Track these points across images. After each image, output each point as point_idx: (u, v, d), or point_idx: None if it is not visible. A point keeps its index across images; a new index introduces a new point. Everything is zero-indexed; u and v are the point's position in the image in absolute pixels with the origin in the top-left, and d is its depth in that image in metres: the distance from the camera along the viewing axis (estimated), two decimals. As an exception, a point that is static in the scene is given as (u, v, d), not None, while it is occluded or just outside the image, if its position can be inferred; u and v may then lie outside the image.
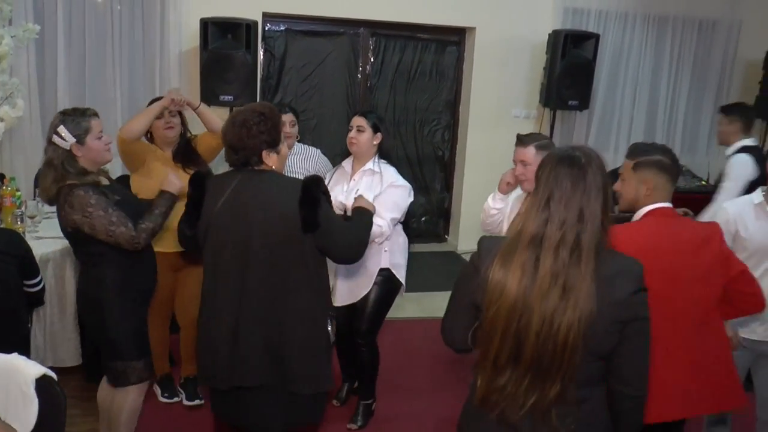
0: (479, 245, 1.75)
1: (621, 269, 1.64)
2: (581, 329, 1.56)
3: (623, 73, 6.83)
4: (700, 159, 7.22)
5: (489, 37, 6.34)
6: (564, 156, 1.65)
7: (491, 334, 1.64)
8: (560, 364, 1.59)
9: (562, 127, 6.63)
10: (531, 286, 1.59)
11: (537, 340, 1.59)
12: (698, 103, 7.24)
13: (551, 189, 1.61)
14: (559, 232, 1.58)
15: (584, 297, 1.56)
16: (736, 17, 7.05)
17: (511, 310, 1.60)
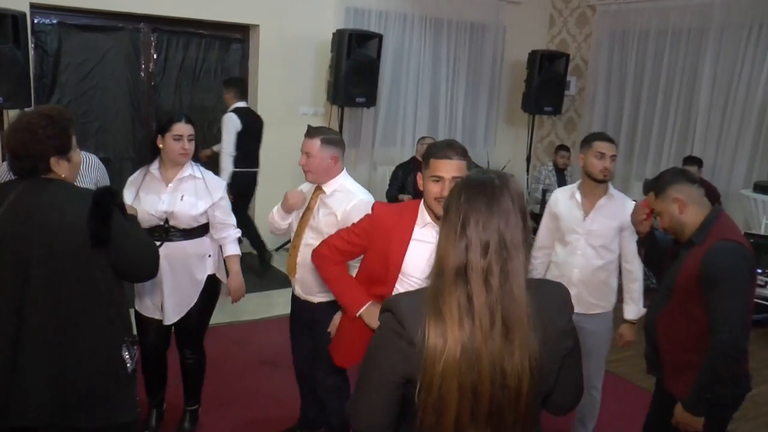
0: (396, 308, 1.55)
1: (554, 296, 1.64)
2: (533, 373, 1.49)
3: (405, 71, 7.56)
4: (479, 151, 8.20)
5: (273, 35, 6.62)
6: (476, 179, 1.58)
7: (446, 401, 1.47)
8: (516, 415, 1.51)
9: (350, 124, 7.16)
10: (472, 328, 1.47)
11: (492, 388, 1.48)
12: (475, 99, 8.22)
13: (465, 213, 1.51)
14: (483, 261, 1.48)
15: (527, 334, 1.48)
16: (501, 22, 8.13)
17: (461, 361, 1.46)
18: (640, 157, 7.58)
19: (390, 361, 1.54)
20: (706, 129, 6.96)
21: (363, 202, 3.04)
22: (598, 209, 3.26)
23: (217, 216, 3.30)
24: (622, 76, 7.81)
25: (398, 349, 1.52)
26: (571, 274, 3.31)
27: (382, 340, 1.57)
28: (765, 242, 5.72)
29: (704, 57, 6.91)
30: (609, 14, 7.88)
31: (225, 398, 3.98)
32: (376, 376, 1.58)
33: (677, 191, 2.59)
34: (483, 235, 1.49)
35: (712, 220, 2.53)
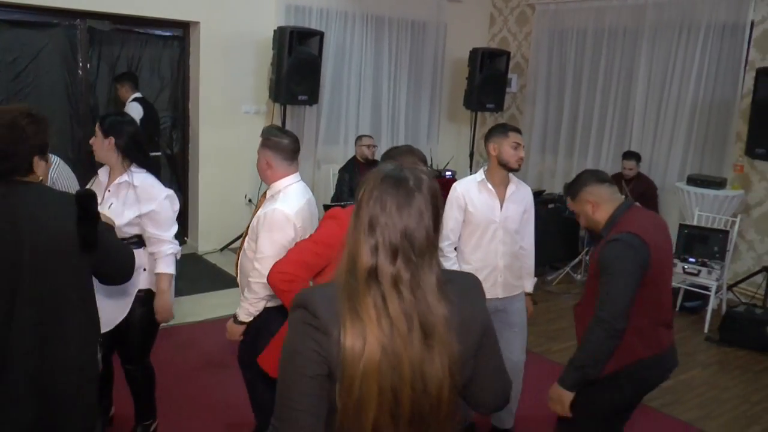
0: (309, 302, 1.51)
1: (468, 287, 1.64)
2: (453, 378, 1.48)
3: (347, 69, 7.68)
4: (422, 148, 8.26)
5: (213, 32, 6.64)
6: (391, 176, 1.51)
7: (365, 401, 1.43)
8: (438, 421, 1.50)
9: (293, 122, 7.23)
10: (391, 330, 1.43)
11: (413, 393, 1.45)
12: (417, 96, 8.40)
13: (374, 211, 1.47)
14: (393, 267, 1.45)
15: (446, 339, 1.47)
16: (442, 20, 8.34)
17: (381, 362, 1.43)
18: (581, 152, 7.88)
19: (309, 355, 1.47)
20: (642, 125, 7.29)
21: (276, 212, 2.98)
22: (510, 197, 3.50)
23: (148, 229, 3.11)
24: (562, 74, 8.11)
25: (316, 341, 1.47)
26: (496, 263, 3.50)
27: (298, 336, 1.50)
28: (698, 232, 6.05)
29: (639, 56, 7.24)
30: (548, 13, 8.17)
31: (172, 403, 3.96)
32: (296, 376, 1.49)
33: (589, 193, 2.83)
34: (391, 238, 1.45)
35: (618, 215, 2.74)
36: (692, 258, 5.89)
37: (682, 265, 5.86)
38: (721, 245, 5.94)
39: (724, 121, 6.67)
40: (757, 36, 6.39)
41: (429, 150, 8.35)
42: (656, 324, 2.71)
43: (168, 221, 3.14)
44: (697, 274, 5.82)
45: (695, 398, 4.56)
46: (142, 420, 3.55)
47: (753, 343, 5.34)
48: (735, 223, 6.15)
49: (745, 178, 6.49)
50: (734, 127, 6.56)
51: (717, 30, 6.62)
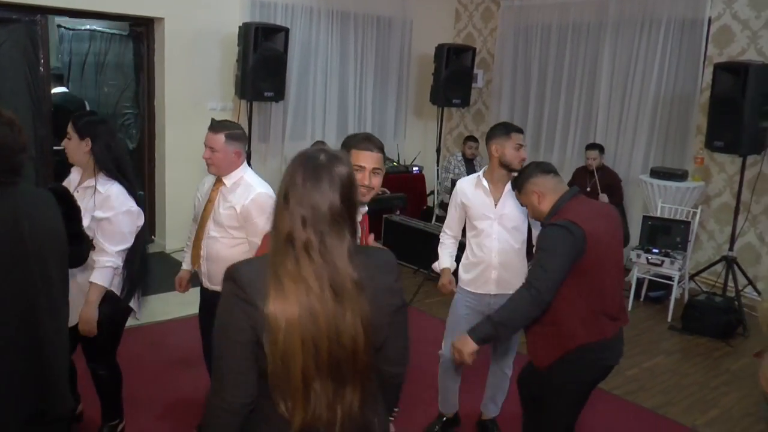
0: (237, 275, 1.69)
1: (379, 259, 1.81)
2: (366, 332, 1.66)
3: (313, 65, 7.75)
4: (389, 143, 8.48)
5: (178, 28, 6.65)
6: (304, 154, 1.72)
7: (291, 352, 1.61)
8: (355, 370, 1.68)
9: (259, 118, 7.29)
10: (306, 290, 1.62)
11: (330, 344, 1.63)
12: (384, 92, 8.51)
13: (287, 185, 1.67)
14: (303, 233, 1.63)
15: (356, 298, 1.64)
16: (408, 16, 8.46)
17: (301, 316, 1.61)
18: (547, 146, 8.06)
19: (239, 325, 1.66)
20: (607, 119, 7.49)
21: (262, 195, 3.21)
22: (507, 194, 3.55)
23: (96, 236, 3.09)
24: (527, 69, 8.27)
25: (243, 311, 1.65)
26: (490, 259, 3.58)
27: (228, 307, 1.69)
28: (661, 223, 6.23)
29: (602, 51, 7.44)
30: (512, 9, 8.33)
31: (140, 404, 3.98)
32: (230, 344, 1.68)
33: (533, 185, 2.98)
34: (300, 209, 1.64)
35: (560, 204, 2.89)
36: (656, 249, 6.07)
37: (646, 256, 6.04)
38: (683, 236, 6.14)
39: (685, 115, 6.88)
40: (714, 32, 6.62)
41: (396, 146, 8.49)
42: (598, 313, 2.83)
43: (118, 236, 3.11)
44: (660, 264, 6.00)
45: (658, 385, 4.73)
46: (108, 420, 3.55)
47: (713, 330, 5.54)
48: (696, 214, 6.36)
49: (705, 170, 6.70)
50: (694, 120, 6.78)
51: (677, 26, 6.84)
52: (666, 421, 4.24)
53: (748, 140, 5.60)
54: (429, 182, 8.50)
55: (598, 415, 4.15)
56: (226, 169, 3.29)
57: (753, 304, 5.95)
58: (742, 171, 6.00)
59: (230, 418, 1.73)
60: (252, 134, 6.97)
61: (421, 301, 5.98)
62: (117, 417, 3.57)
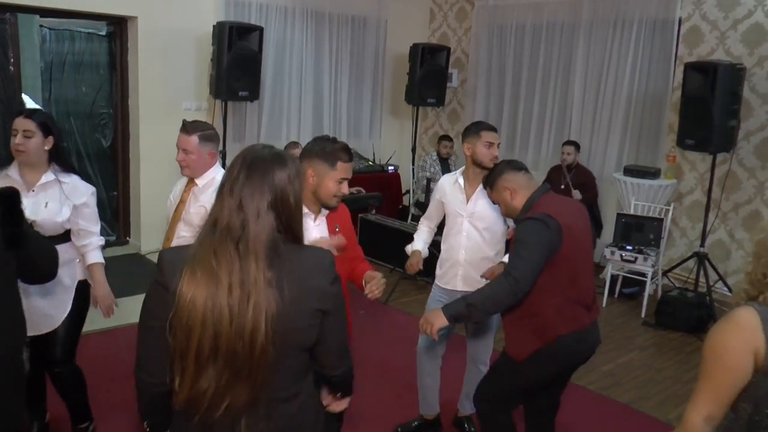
0: (160, 261, 1.79)
1: (311, 260, 1.81)
2: (269, 330, 1.67)
3: (288, 64, 7.77)
4: (365, 142, 8.54)
5: (152, 27, 6.64)
6: (248, 151, 1.79)
7: (190, 329, 1.66)
8: (251, 367, 1.69)
9: (234, 118, 7.30)
10: (217, 279, 1.66)
11: (230, 331, 1.66)
12: (359, 91, 8.55)
13: (227, 176, 1.74)
14: (227, 218, 1.68)
15: (264, 294, 1.67)
16: (383, 16, 8.51)
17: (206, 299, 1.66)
18: (522, 145, 8.15)
19: (155, 309, 1.74)
20: (581, 118, 7.60)
21: None
22: (480, 192, 3.61)
23: (78, 222, 3.21)
24: (502, 69, 8.36)
25: (160, 295, 1.73)
26: (458, 256, 3.67)
27: (149, 292, 1.79)
28: (634, 221, 6.35)
29: (576, 51, 7.55)
30: (487, 9, 8.42)
31: (116, 405, 3.97)
32: (148, 324, 1.77)
33: (505, 181, 3.06)
34: (229, 199, 1.70)
35: (533, 200, 2.98)
36: (629, 246, 6.19)
37: (620, 253, 6.15)
38: (656, 233, 6.26)
39: (657, 114, 7.01)
40: (685, 32, 6.75)
41: (372, 145, 8.54)
42: (573, 303, 2.93)
43: (95, 215, 3.30)
44: (634, 261, 6.11)
45: (633, 380, 4.83)
46: (78, 423, 3.54)
47: (686, 325, 5.66)
48: (669, 212, 6.48)
49: (678, 167, 6.84)
50: (666, 119, 6.91)
51: (648, 26, 6.96)
52: (640, 416, 4.34)
53: (718, 138, 5.72)
54: (405, 181, 8.55)
55: (574, 411, 4.22)
56: (200, 170, 3.29)
57: (724, 299, 6.09)
58: (712, 169, 6.13)
59: (149, 397, 1.86)
60: (227, 134, 6.99)
61: (397, 300, 6.03)
62: (87, 419, 3.57)
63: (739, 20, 6.33)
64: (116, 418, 3.85)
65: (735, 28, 6.37)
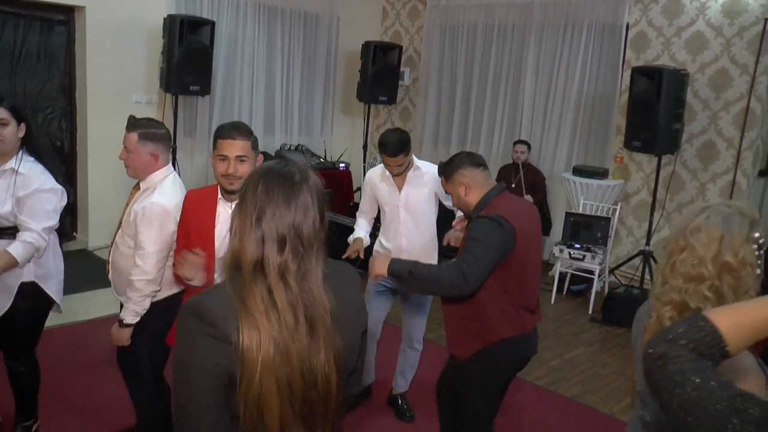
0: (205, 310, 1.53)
1: (347, 275, 1.73)
2: (339, 370, 1.56)
3: (240, 59, 7.80)
4: (316, 140, 8.62)
5: (101, 17, 6.57)
6: (276, 170, 1.58)
7: (267, 397, 1.49)
8: (326, 414, 1.58)
9: (185, 113, 7.29)
10: (279, 322, 1.50)
11: (303, 383, 1.52)
12: (311, 88, 8.62)
13: (262, 203, 1.52)
14: (280, 257, 1.51)
15: (330, 331, 1.54)
16: (335, 12, 8.60)
17: (275, 354, 1.49)
18: (473, 143, 8.33)
19: (210, 368, 1.51)
20: (531, 118, 7.82)
21: (154, 206, 2.96)
22: (409, 181, 3.87)
23: (19, 215, 3.05)
24: (454, 68, 8.53)
25: (216, 351, 1.50)
26: (400, 242, 3.92)
27: (195, 349, 1.52)
28: (583, 220, 6.58)
29: (527, 52, 7.76)
30: (439, 9, 8.57)
31: (61, 405, 3.98)
32: (199, 392, 1.52)
33: (462, 176, 3.03)
34: (279, 229, 1.51)
35: (488, 199, 2.97)
36: (578, 244, 6.40)
37: (569, 251, 6.36)
38: (604, 231, 6.50)
39: (605, 116, 7.27)
40: (632, 37, 7.02)
41: (323, 142, 8.61)
42: (519, 307, 2.99)
43: (41, 213, 3.05)
44: (582, 259, 6.33)
45: (578, 375, 5.03)
46: (23, 420, 3.51)
47: (630, 321, 5.78)
48: (616, 211, 6.73)
49: (625, 168, 7.10)
50: (614, 121, 7.17)
51: (597, 30, 7.22)
52: (585, 409, 4.53)
53: (663, 141, 5.99)
54: (356, 179, 8.62)
55: (520, 405, 4.40)
56: (141, 171, 3.10)
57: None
58: (657, 170, 6.40)
59: None
60: (177, 129, 6.98)
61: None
62: (32, 417, 3.55)
63: (682, 27, 6.62)
64: (59, 417, 3.84)
65: (679, 35, 6.66)
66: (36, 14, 6.46)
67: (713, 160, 6.54)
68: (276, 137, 8.26)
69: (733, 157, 6.42)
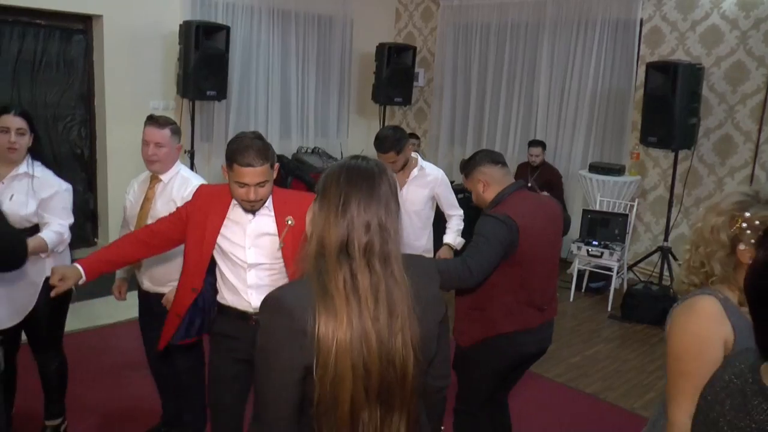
0: (282, 303, 1.59)
1: (424, 267, 1.77)
2: (416, 353, 1.61)
3: (255, 63, 7.87)
4: (332, 142, 8.67)
5: (118, 26, 6.67)
6: (357, 165, 1.67)
7: (341, 378, 1.54)
8: (403, 396, 1.62)
9: (202, 117, 7.37)
10: (359, 307, 1.55)
11: (381, 367, 1.57)
12: (326, 90, 8.67)
13: (347, 193, 1.59)
14: (365, 237, 1.57)
15: (408, 317, 1.59)
16: (349, 15, 8.65)
17: (353, 338, 1.54)
18: (488, 143, 8.35)
19: (291, 361, 1.56)
20: (546, 116, 7.82)
21: (202, 186, 3.10)
22: (411, 180, 3.93)
23: (44, 215, 3.23)
24: (468, 68, 8.55)
25: (297, 343, 1.55)
26: None
27: (278, 341, 1.58)
28: (600, 217, 6.57)
29: (541, 50, 7.77)
30: (452, 9, 8.59)
31: (87, 406, 4.05)
32: (280, 384, 1.59)
33: (481, 173, 3.09)
34: (364, 216, 1.58)
35: (502, 197, 3.03)
36: (595, 241, 6.40)
37: (586, 248, 6.36)
38: (621, 228, 6.49)
39: (621, 112, 7.26)
40: (646, 33, 7.01)
41: (339, 144, 8.65)
42: (524, 304, 3.03)
43: (63, 211, 3.27)
44: (600, 256, 6.33)
45: (599, 372, 5.02)
46: (52, 418, 3.59)
47: (650, 317, 5.89)
48: (633, 207, 6.72)
49: (641, 164, 7.08)
50: (630, 117, 7.16)
51: (611, 26, 7.21)
52: (605, 405, 4.53)
53: (679, 136, 5.98)
54: (372, 180, 8.66)
55: (540, 401, 4.41)
56: (169, 164, 3.33)
57: (686, 293, 6.32)
58: (674, 165, 6.39)
59: None
60: (195, 133, 7.07)
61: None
62: (60, 415, 3.62)
63: (697, 21, 6.60)
64: (80, 423, 3.87)
65: (693, 29, 6.64)
66: (55, 24, 6.57)
67: (731, 154, 6.52)
68: (292, 140, 8.33)
69: (751, 151, 6.39)
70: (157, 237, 2.89)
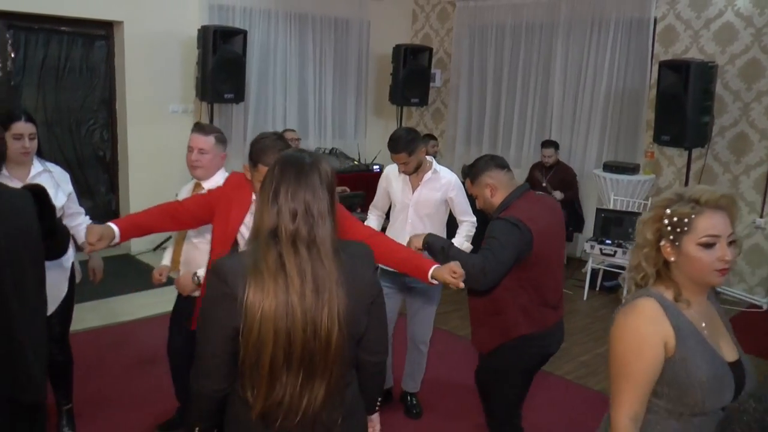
0: (220, 270, 1.81)
1: (359, 253, 1.93)
2: (341, 325, 1.78)
3: (272, 66, 7.99)
4: (350, 142, 8.76)
5: (138, 31, 6.83)
6: (290, 156, 1.86)
7: (263, 342, 1.73)
8: (326, 364, 1.79)
9: (221, 120, 7.49)
10: (286, 283, 1.74)
11: (304, 335, 1.75)
12: (343, 92, 8.77)
13: (277, 183, 1.78)
14: (292, 225, 1.76)
15: (336, 293, 1.77)
16: (365, 17, 8.74)
17: (277, 308, 1.73)
18: (504, 143, 8.39)
19: (221, 318, 1.79)
20: (561, 116, 7.85)
21: None
22: (425, 183, 3.95)
23: (70, 206, 3.47)
24: (483, 68, 8.60)
25: (226, 304, 1.77)
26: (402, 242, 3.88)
27: (212, 301, 1.83)
28: (614, 215, 6.58)
29: (555, 50, 7.80)
30: (468, 10, 8.65)
31: (106, 400, 4.14)
32: (211, 336, 1.82)
33: (489, 177, 3.11)
34: (291, 204, 1.76)
35: (510, 200, 3.05)
36: (609, 240, 6.42)
37: (600, 247, 6.38)
38: (635, 227, 6.45)
39: (635, 111, 7.27)
40: (660, 31, 7.01)
41: (356, 145, 8.75)
42: (540, 305, 3.07)
43: (77, 198, 3.57)
44: (613, 255, 6.35)
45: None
46: (65, 404, 3.71)
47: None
48: (647, 206, 6.71)
49: (656, 163, 7.09)
50: (644, 116, 7.17)
51: (625, 25, 7.23)
52: (614, 401, 4.54)
53: (692, 134, 5.99)
54: (390, 181, 8.74)
55: (549, 399, 4.45)
56: (212, 171, 3.41)
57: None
58: (688, 164, 6.39)
59: (207, 403, 1.92)
60: (213, 136, 7.17)
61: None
62: (70, 401, 3.74)
63: (711, 19, 6.60)
64: (100, 418, 3.97)
65: (707, 27, 6.64)
66: (78, 30, 6.76)
67: (746, 152, 6.51)
68: (310, 141, 8.43)
69: (766, 148, 6.38)
70: (184, 212, 2.97)
